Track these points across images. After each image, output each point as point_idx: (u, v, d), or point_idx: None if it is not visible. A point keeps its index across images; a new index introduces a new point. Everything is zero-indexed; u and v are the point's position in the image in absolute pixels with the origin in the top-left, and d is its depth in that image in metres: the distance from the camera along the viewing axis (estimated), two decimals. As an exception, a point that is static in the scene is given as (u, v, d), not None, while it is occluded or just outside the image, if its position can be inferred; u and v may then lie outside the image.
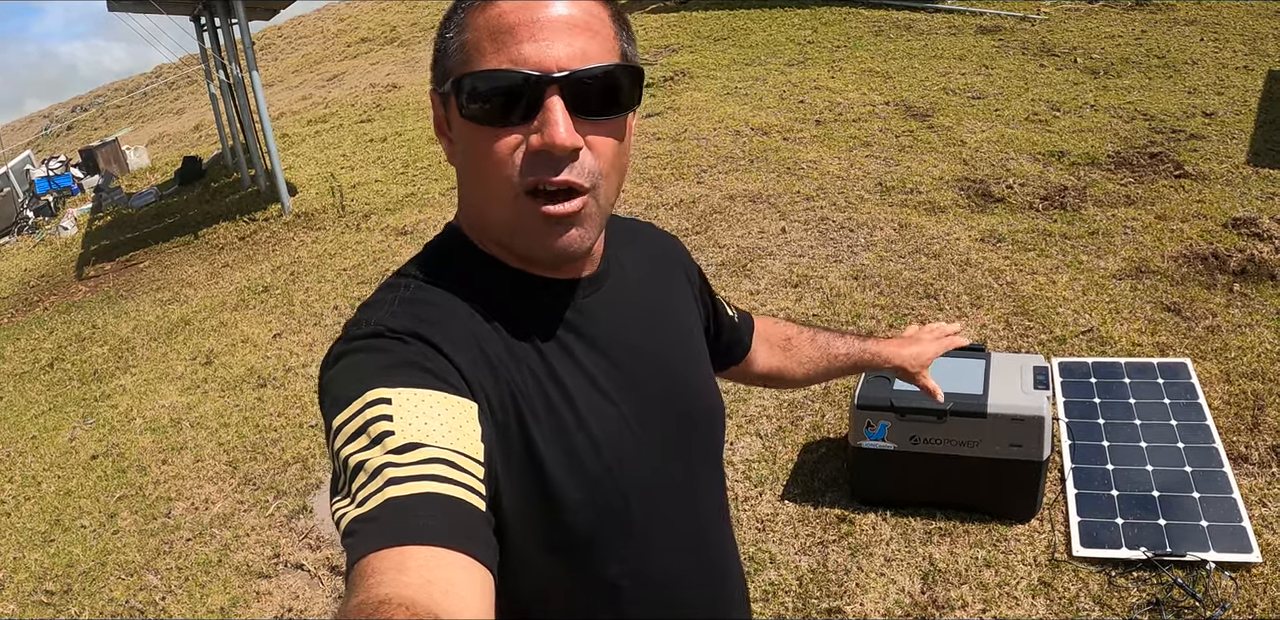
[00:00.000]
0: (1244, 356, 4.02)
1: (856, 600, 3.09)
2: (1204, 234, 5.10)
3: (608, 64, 0.99)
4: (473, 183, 1.04)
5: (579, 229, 1.02)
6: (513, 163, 0.98)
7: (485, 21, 0.97)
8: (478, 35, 0.98)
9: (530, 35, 0.96)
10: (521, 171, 0.98)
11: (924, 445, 3.27)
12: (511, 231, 1.03)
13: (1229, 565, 2.98)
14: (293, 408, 5.05)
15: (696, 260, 1.40)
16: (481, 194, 1.03)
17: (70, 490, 4.77)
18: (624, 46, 1.03)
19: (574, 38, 0.97)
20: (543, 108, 0.96)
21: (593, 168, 1.00)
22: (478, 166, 1.01)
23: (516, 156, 0.98)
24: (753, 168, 7.16)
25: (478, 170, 1.01)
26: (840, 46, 10.10)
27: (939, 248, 5.39)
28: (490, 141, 0.98)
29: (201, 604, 3.71)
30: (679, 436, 1.20)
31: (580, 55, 0.97)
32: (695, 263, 1.41)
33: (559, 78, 0.96)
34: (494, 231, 1.06)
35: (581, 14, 0.98)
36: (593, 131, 1.00)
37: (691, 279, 1.37)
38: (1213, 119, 6.78)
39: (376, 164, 9.63)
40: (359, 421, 0.90)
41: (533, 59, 0.95)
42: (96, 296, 8.17)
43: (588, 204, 1.01)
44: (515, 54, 0.95)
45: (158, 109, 22.13)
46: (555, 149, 0.96)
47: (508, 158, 0.98)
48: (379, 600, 0.73)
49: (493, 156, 0.98)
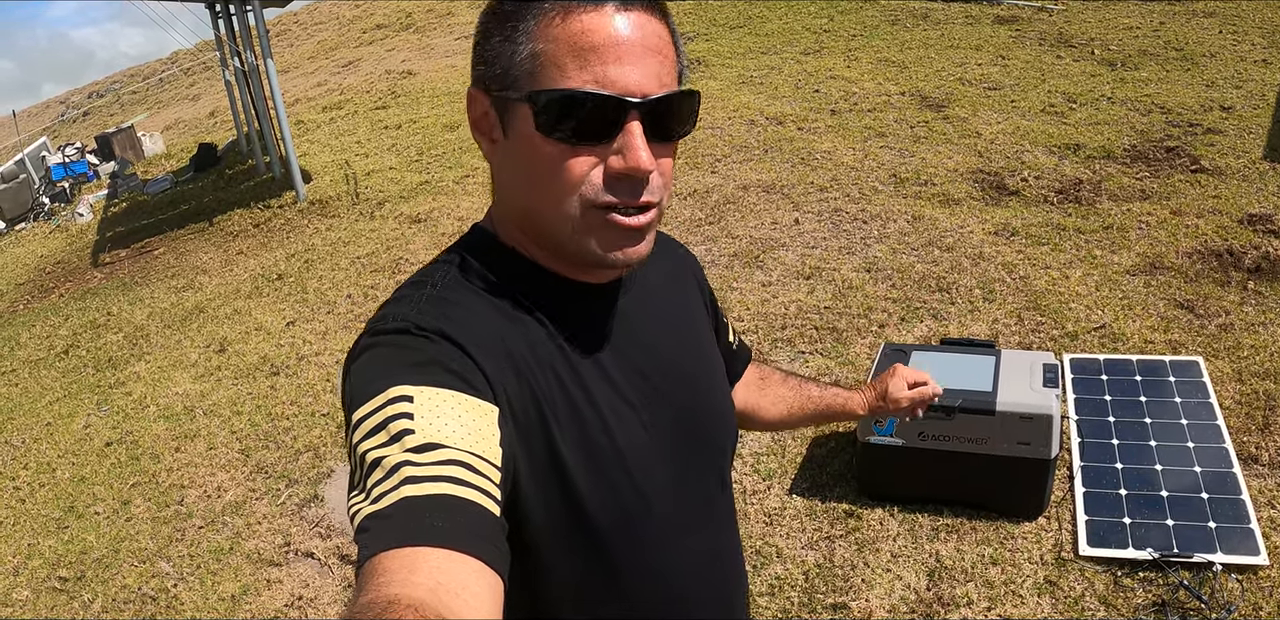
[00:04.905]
0: (1257, 356, 4.00)
1: (862, 596, 3.10)
2: (1219, 230, 5.08)
3: (678, 90, 1.01)
4: (533, 190, 1.03)
5: (646, 241, 1.05)
6: (589, 181, 0.99)
7: (566, 36, 0.97)
8: (557, 49, 0.97)
9: (615, 57, 0.96)
10: (599, 191, 0.99)
11: (932, 442, 3.27)
12: (573, 238, 1.03)
13: (1236, 568, 2.97)
14: (305, 396, 5.07)
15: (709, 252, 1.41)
16: (543, 201, 1.03)
17: (84, 477, 4.80)
18: (682, 67, 1.05)
19: (650, 61, 0.98)
20: (624, 132, 0.98)
21: (659, 185, 1.03)
22: (546, 178, 1.01)
23: (595, 175, 0.99)
24: (767, 158, 7.15)
25: (546, 182, 1.01)
26: (856, 35, 10.06)
27: (952, 240, 5.38)
28: (566, 157, 0.99)
29: (213, 591, 3.74)
30: (697, 444, 1.21)
31: (656, 80, 0.98)
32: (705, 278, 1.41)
33: (640, 103, 0.97)
34: (550, 235, 1.06)
35: (654, 38, 1.00)
36: (660, 153, 1.02)
37: (705, 294, 1.38)
38: (1230, 113, 6.74)
39: (391, 151, 9.64)
40: (379, 417, 0.90)
41: (619, 82, 0.96)
42: (111, 283, 8.20)
43: (654, 218, 1.04)
44: (600, 75, 0.96)
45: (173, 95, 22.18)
46: (639, 173, 0.98)
47: (584, 176, 0.99)
48: (388, 600, 0.73)
49: (568, 173, 0.99)
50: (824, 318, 4.78)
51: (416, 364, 0.95)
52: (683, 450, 1.18)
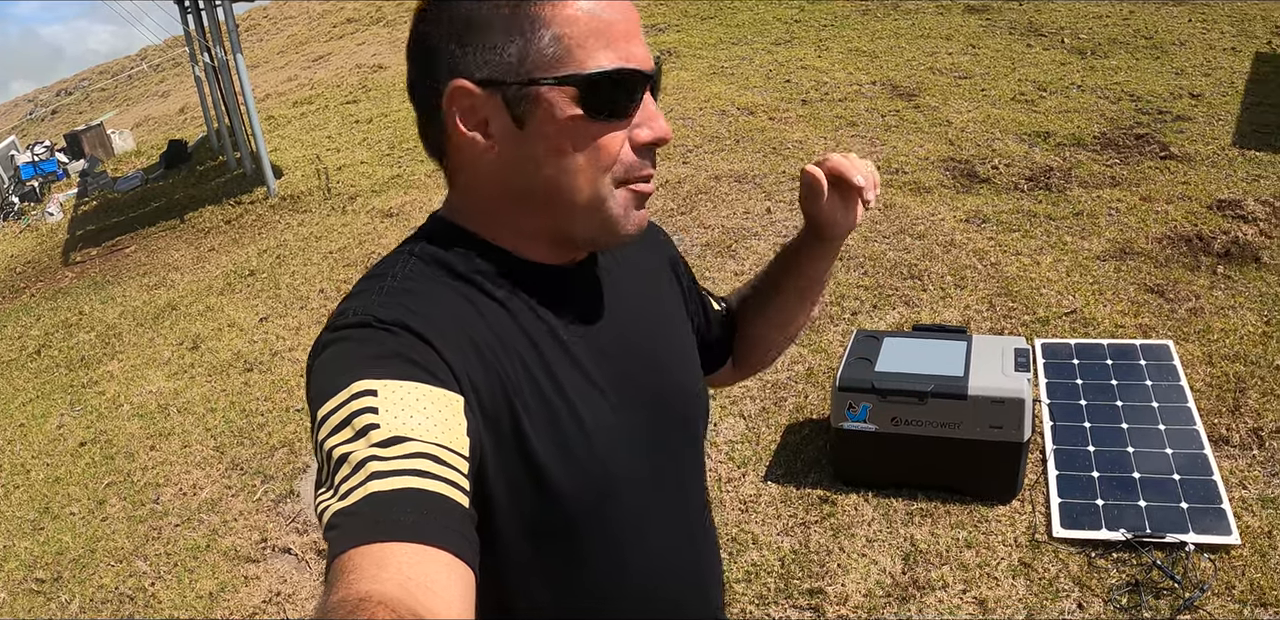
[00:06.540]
0: (1226, 339, 4.04)
1: (838, 581, 3.12)
2: (1189, 216, 5.11)
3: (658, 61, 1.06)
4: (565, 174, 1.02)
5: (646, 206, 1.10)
6: (622, 155, 1.03)
7: (582, 17, 0.98)
8: (577, 31, 0.98)
9: (626, 34, 1.01)
10: (629, 165, 1.03)
11: (905, 427, 3.29)
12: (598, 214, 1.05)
13: (1208, 547, 3.01)
14: (279, 392, 5.05)
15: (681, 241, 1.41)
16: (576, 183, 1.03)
17: (59, 477, 4.77)
18: None
19: (642, 35, 1.04)
20: (643, 104, 1.02)
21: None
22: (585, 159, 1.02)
23: (625, 150, 1.03)
24: (738, 148, 7.15)
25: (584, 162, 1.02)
26: (827, 25, 10.06)
27: (923, 228, 5.40)
28: (604, 134, 1.01)
29: (190, 589, 3.73)
30: (667, 427, 1.20)
31: (648, 53, 1.03)
32: (680, 254, 1.39)
33: (651, 76, 1.02)
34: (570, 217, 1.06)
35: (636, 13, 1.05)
36: None
37: (678, 270, 1.36)
38: (1199, 100, 6.78)
39: (362, 145, 9.59)
40: (344, 413, 0.89)
41: (638, 56, 1.01)
42: (83, 282, 8.14)
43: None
44: (624, 52, 1.00)
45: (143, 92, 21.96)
46: (666, 141, 1.05)
47: (618, 151, 1.02)
48: (359, 597, 0.73)
49: (606, 150, 1.02)
50: (797, 306, 4.77)
51: (379, 357, 0.94)
52: (653, 432, 1.17)
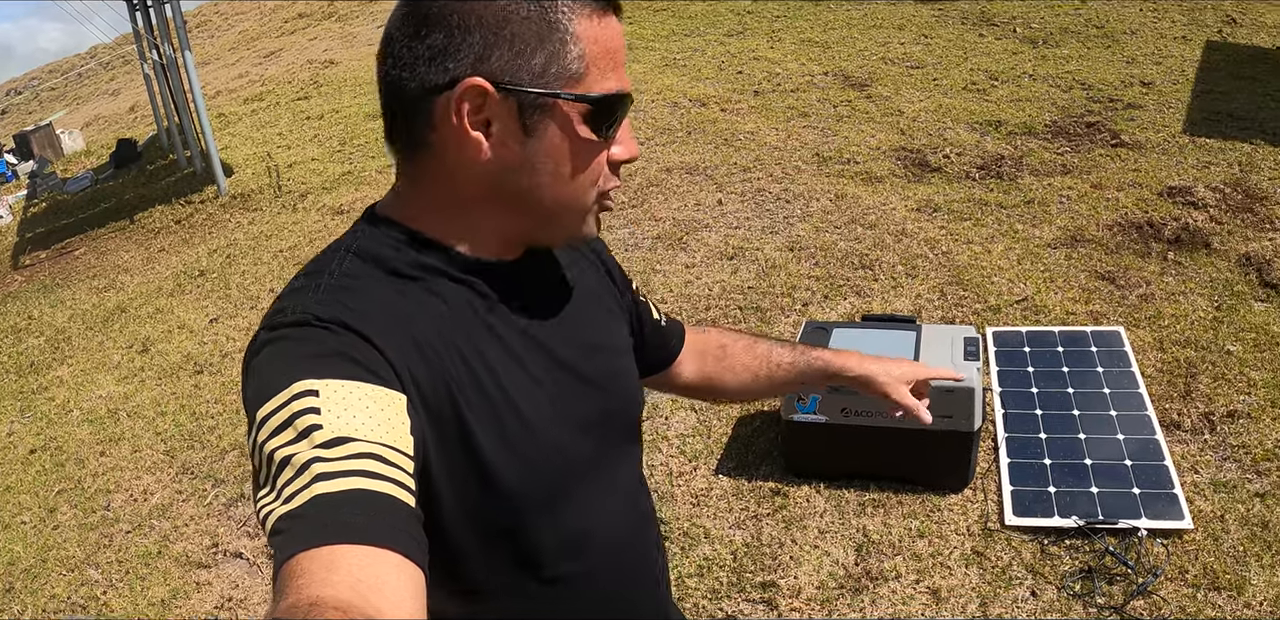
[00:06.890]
0: (1177, 324, 4.07)
1: (791, 573, 3.11)
2: (1139, 203, 5.15)
3: None
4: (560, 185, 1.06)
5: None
6: (604, 171, 1.08)
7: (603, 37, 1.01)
8: (596, 51, 1.00)
9: (623, 58, 1.06)
10: (607, 179, 1.09)
11: (855, 417, 3.29)
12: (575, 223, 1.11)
13: (1161, 532, 3.02)
14: (230, 394, 4.99)
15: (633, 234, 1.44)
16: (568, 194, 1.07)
17: (9, 486, 4.69)
18: None
19: None
20: (622, 125, 1.07)
21: None
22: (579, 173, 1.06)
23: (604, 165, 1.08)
24: (690, 139, 7.14)
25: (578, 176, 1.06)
26: (779, 17, 10.07)
27: (875, 218, 5.40)
28: (598, 152, 1.06)
29: (142, 597, 3.67)
30: (604, 415, 1.21)
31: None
32: (613, 257, 1.40)
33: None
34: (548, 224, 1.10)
35: None
36: None
37: (612, 271, 1.36)
38: (1150, 88, 6.84)
39: (313, 142, 9.49)
40: (285, 413, 0.87)
41: (626, 80, 1.06)
42: (32, 286, 8.00)
43: None
44: (622, 75, 1.04)
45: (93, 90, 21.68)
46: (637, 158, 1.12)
47: (603, 167, 1.07)
48: (310, 602, 0.72)
49: (596, 165, 1.06)
50: (747, 297, 4.78)
51: (319, 356, 0.92)
52: (592, 422, 1.18)
